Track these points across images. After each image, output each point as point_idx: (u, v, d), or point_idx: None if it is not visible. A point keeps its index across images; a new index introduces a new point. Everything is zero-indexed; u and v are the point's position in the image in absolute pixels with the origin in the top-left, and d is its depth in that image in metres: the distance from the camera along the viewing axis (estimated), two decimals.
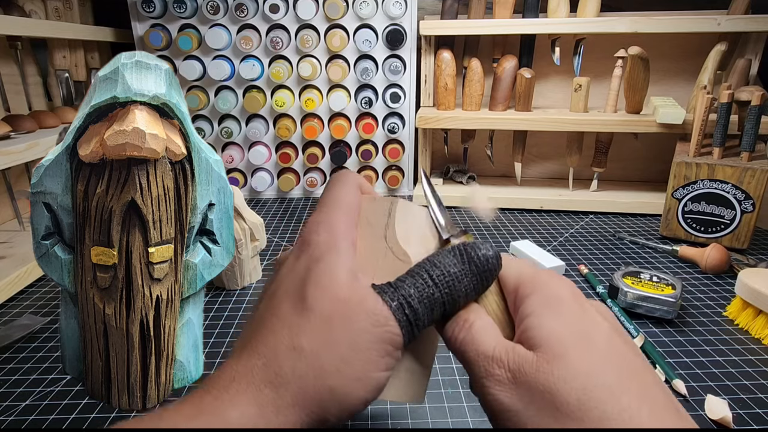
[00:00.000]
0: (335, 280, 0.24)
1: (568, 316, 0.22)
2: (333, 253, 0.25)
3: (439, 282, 0.24)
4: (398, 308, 0.24)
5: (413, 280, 0.25)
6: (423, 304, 0.24)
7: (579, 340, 0.21)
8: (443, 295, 0.24)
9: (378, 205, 0.30)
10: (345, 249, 0.26)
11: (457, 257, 0.25)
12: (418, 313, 0.24)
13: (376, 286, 0.25)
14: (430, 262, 0.25)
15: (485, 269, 0.25)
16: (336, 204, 0.28)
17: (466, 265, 0.25)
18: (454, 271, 0.25)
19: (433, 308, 0.24)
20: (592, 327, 0.22)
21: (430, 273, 0.25)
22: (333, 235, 0.26)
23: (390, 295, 0.24)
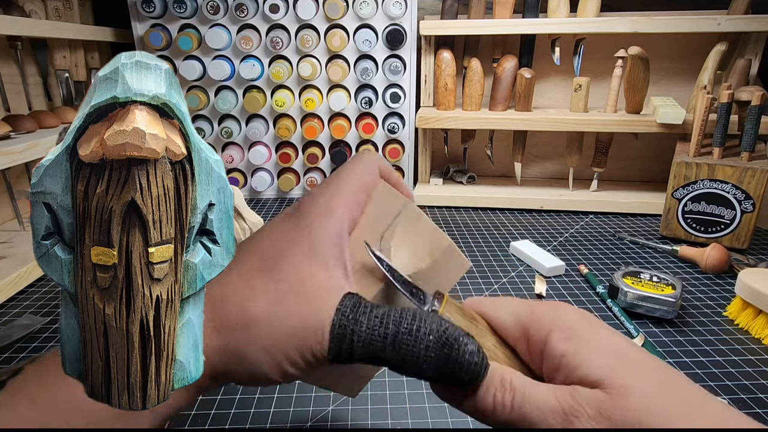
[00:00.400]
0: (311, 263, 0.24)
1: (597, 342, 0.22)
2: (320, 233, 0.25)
3: (399, 349, 0.22)
4: (338, 336, 0.22)
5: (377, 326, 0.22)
6: (365, 350, 0.22)
7: (624, 362, 0.21)
8: (393, 360, 0.22)
9: (392, 200, 0.29)
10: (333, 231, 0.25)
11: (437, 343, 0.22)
12: (353, 354, 0.22)
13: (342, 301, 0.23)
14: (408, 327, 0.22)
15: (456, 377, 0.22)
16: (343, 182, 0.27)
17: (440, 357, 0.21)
18: (420, 353, 0.21)
19: (375, 361, 0.22)
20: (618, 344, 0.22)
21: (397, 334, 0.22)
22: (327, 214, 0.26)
23: (343, 319, 0.23)
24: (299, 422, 0.39)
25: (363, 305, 0.23)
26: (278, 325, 0.23)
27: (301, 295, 0.24)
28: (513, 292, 0.60)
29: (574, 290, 0.60)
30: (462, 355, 0.21)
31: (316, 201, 0.27)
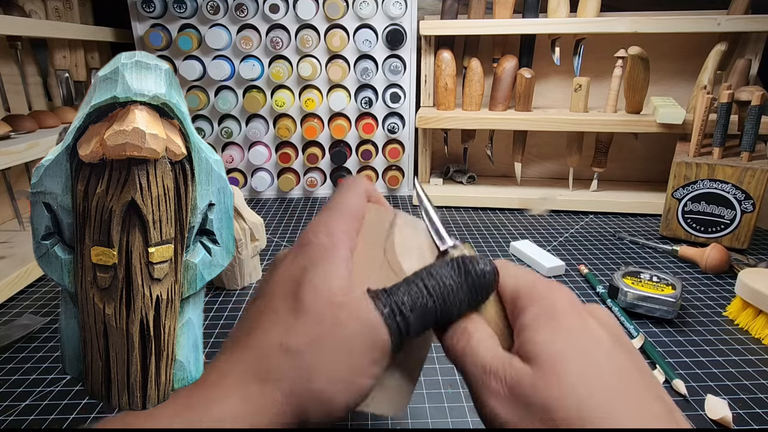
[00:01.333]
0: (330, 284, 0.24)
1: (567, 329, 0.22)
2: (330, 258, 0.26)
3: (434, 292, 0.24)
4: (389, 315, 0.24)
5: (408, 287, 0.24)
6: (415, 312, 0.24)
7: (576, 355, 0.21)
8: (436, 305, 0.24)
9: (382, 215, 0.30)
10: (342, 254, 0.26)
11: (453, 269, 0.25)
12: (408, 322, 0.24)
13: (370, 291, 0.25)
14: (427, 272, 0.25)
15: (481, 284, 0.25)
16: (340, 209, 0.28)
17: (462, 278, 0.25)
18: (450, 283, 0.25)
19: (425, 318, 0.24)
20: (590, 341, 0.22)
21: (425, 282, 0.25)
22: (332, 239, 0.26)
23: (383, 300, 0.24)
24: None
25: (385, 290, 0.25)
26: (329, 344, 0.23)
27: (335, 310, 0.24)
28: None
29: (574, 290, 0.60)
30: (476, 264, 0.25)
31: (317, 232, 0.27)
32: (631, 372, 0.21)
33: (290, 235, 0.80)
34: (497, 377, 0.22)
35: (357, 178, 0.31)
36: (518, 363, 0.22)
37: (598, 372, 0.21)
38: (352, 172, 1.02)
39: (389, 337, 0.24)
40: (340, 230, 0.27)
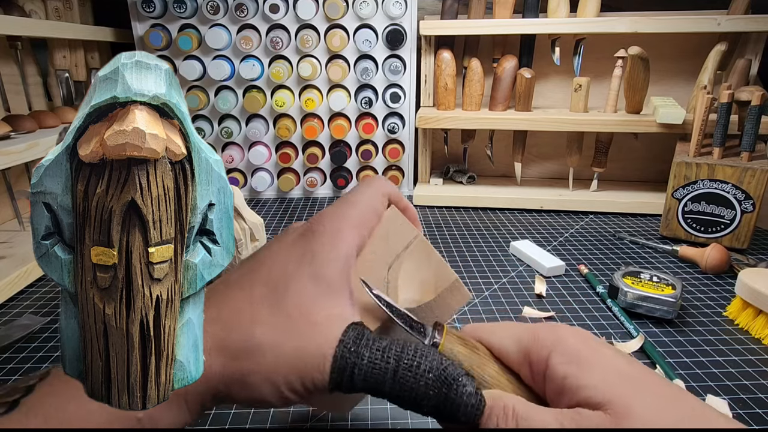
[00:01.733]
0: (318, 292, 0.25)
1: (598, 363, 0.22)
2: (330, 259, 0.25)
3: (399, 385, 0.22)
4: (340, 368, 0.23)
5: (378, 359, 0.23)
6: (366, 383, 0.23)
7: (625, 382, 0.21)
8: (392, 393, 0.23)
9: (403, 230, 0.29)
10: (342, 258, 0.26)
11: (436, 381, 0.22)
12: (353, 387, 0.23)
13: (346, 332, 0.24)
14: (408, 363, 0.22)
15: (453, 417, 0.22)
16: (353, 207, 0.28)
17: (439, 395, 0.22)
18: (420, 390, 0.22)
19: (375, 391, 0.23)
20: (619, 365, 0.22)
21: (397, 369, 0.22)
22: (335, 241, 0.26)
23: (344, 352, 0.23)
24: (299, 422, 0.39)
25: (366, 337, 0.24)
26: (281, 354, 0.24)
27: (307, 324, 0.24)
28: (513, 292, 0.60)
29: (574, 290, 0.60)
30: (460, 396, 0.22)
31: (325, 224, 0.27)
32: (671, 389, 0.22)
33: None
34: None
35: (381, 179, 0.30)
36: (588, 413, 0.21)
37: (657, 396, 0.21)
38: (352, 172, 1.02)
39: (328, 384, 0.23)
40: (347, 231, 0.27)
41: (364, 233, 0.27)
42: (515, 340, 0.24)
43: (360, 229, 0.27)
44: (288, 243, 0.27)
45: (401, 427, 0.39)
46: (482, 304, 0.57)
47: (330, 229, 0.26)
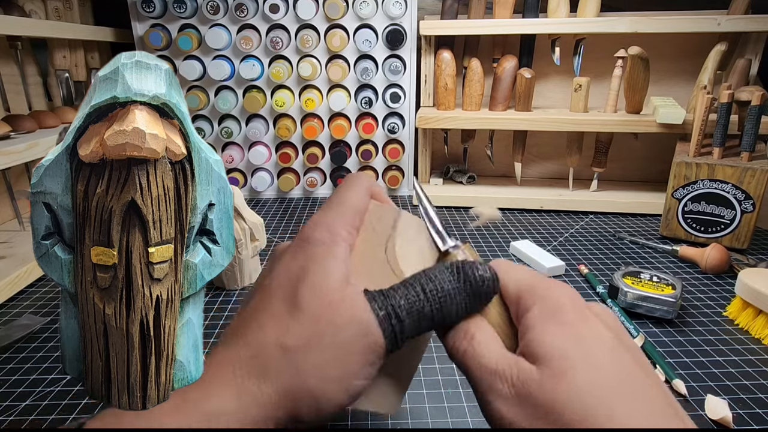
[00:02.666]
0: (328, 283, 0.24)
1: (571, 329, 0.22)
2: (329, 256, 0.26)
3: (431, 297, 0.24)
4: (385, 317, 0.24)
5: (405, 290, 0.24)
6: (411, 316, 0.24)
7: (581, 355, 0.21)
8: (433, 310, 0.24)
9: (385, 214, 0.30)
10: (342, 252, 0.26)
11: (453, 274, 0.25)
12: (404, 325, 0.24)
13: (367, 293, 0.25)
14: (426, 276, 0.25)
15: (480, 290, 0.25)
16: (341, 205, 0.28)
17: (461, 284, 0.24)
18: (448, 288, 0.24)
19: (421, 322, 0.24)
20: (594, 340, 0.22)
21: (423, 286, 0.24)
22: (332, 236, 0.26)
23: (380, 303, 0.24)
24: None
25: (383, 291, 0.25)
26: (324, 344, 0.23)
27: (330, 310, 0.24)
28: None
29: None
30: (476, 270, 0.25)
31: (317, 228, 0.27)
32: (634, 370, 0.21)
33: (290, 235, 0.80)
34: (503, 378, 0.22)
35: (359, 175, 0.31)
36: (525, 364, 0.22)
37: (603, 372, 0.21)
38: (352, 172, 1.01)
39: (384, 340, 0.24)
40: (341, 227, 0.27)
41: (354, 232, 0.28)
42: (517, 279, 0.25)
43: (350, 230, 0.28)
44: (288, 257, 0.27)
45: (401, 427, 0.39)
46: None
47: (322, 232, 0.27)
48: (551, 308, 0.23)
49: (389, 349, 0.24)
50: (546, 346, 0.22)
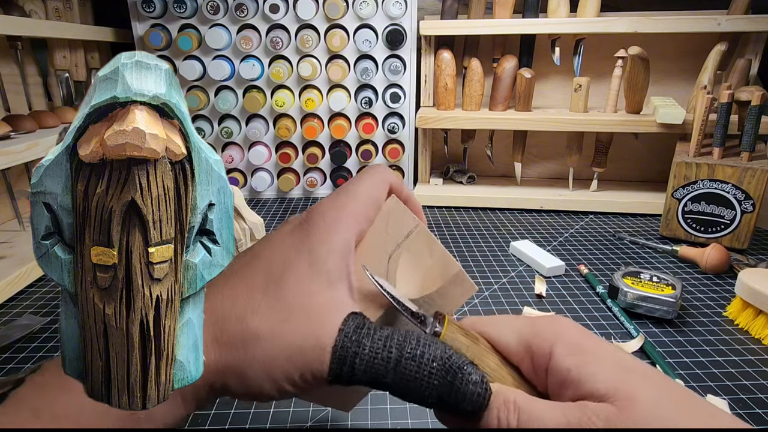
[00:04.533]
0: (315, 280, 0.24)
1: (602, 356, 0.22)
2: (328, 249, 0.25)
3: (402, 375, 0.22)
4: (339, 359, 0.22)
5: (380, 349, 0.22)
6: (366, 375, 0.22)
7: (629, 374, 0.21)
8: (395, 386, 0.22)
9: (403, 219, 0.28)
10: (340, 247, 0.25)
11: (441, 370, 0.22)
12: (354, 377, 0.22)
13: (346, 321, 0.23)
14: (411, 353, 0.22)
15: (458, 406, 0.22)
16: (355, 194, 0.27)
17: (444, 387, 0.21)
18: (423, 380, 0.21)
19: (374, 384, 0.22)
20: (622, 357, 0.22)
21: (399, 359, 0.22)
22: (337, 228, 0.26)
23: (345, 341, 0.22)
24: (299, 422, 0.39)
25: (366, 327, 0.23)
26: (279, 344, 0.23)
27: (305, 314, 0.23)
28: (513, 292, 0.60)
29: (574, 290, 0.60)
30: (465, 384, 0.21)
31: (324, 213, 0.26)
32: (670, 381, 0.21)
33: None
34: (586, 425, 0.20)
35: (379, 167, 0.29)
36: (594, 405, 0.20)
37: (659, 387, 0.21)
38: (352, 172, 1.02)
39: (326, 376, 0.23)
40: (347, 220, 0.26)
41: (362, 223, 0.27)
42: (516, 332, 0.24)
43: (358, 219, 0.27)
44: (286, 233, 0.26)
45: (401, 427, 0.39)
46: (482, 305, 0.57)
47: (328, 219, 0.26)
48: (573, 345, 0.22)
49: (331, 383, 0.23)
50: (604, 381, 0.21)
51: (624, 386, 0.20)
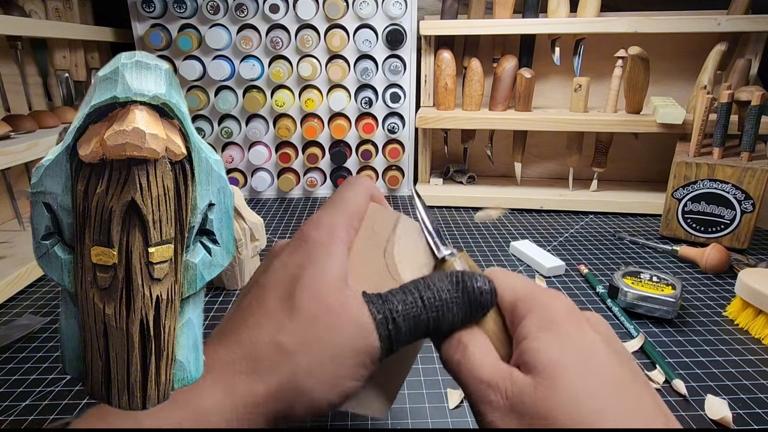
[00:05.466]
0: (326, 283, 0.24)
1: (565, 338, 0.22)
2: (328, 255, 0.26)
3: (429, 304, 0.24)
4: (382, 321, 0.24)
5: (403, 296, 0.24)
6: (407, 322, 0.24)
7: (575, 364, 0.21)
8: (430, 318, 0.24)
9: (386, 216, 0.30)
10: (340, 252, 0.26)
11: (452, 284, 0.25)
12: (400, 331, 0.24)
13: (366, 295, 0.25)
14: (424, 283, 0.25)
15: (478, 302, 0.25)
16: (341, 206, 0.28)
17: (459, 294, 0.24)
18: (446, 297, 0.24)
19: (417, 329, 0.24)
20: (587, 349, 0.22)
21: (421, 293, 0.24)
22: (331, 236, 0.26)
23: (377, 306, 0.24)
24: (299, 422, 0.39)
25: (382, 294, 0.25)
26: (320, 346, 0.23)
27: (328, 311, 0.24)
28: None
29: (574, 290, 0.60)
30: (475, 281, 0.25)
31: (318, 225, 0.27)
32: (625, 375, 0.22)
33: (290, 235, 0.80)
34: (497, 390, 0.22)
35: (359, 177, 0.31)
36: (518, 375, 0.22)
37: (594, 378, 0.21)
38: (352, 172, 1.02)
39: (379, 344, 0.24)
40: (340, 227, 0.27)
41: (352, 233, 0.28)
42: (513, 287, 0.25)
43: (349, 230, 0.28)
44: (284, 255, 0.27)
45: (401, 427, 0.39)
46: None
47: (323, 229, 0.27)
48: (546, 317, 0.23)
49: (384, 353, 0.24)
50: (538, 355, 0.22)
51: (555, 367, 0.21)
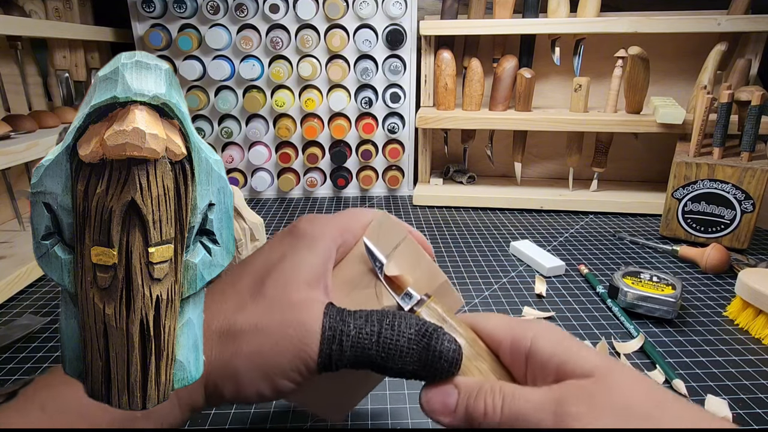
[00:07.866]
0: (296, 278, 0.25)
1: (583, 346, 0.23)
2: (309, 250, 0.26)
3: (383, 344, 0.23)
4: (328, 338, 0.24)
5: (363, 325, 0.24)
6: (354, 350, 0.23)
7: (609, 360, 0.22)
8: (378, 356, 0.23)
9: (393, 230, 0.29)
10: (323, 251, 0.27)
11: (417, 334, 0.23)
12: (343, 355, 0.24)
13: (329, 307, 0.25)
14: (390, 321, 0.24)
15: (435, 365, 0.23)
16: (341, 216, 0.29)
17: (420, 348, 0.23)
18: (403, 345, 0.23)
19: (362, 359, 0.24)
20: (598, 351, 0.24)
21: (381, 330, 0.23)
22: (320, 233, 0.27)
23: (332, 322, 0.24)
24: (299, 422, 0.39)
25: (346, 311, 0.25)
26: (266, 337, 0.24)
27: (287, 306, 0.24)
28: (513, 292, 0.60)
29: (574, 290, 0.60)
30: (441, 343, 0.23)
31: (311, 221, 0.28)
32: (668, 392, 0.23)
33: None
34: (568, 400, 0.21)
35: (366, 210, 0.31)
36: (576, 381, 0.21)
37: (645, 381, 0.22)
38: (352, 172, 1.02)
39: (317, 358, 0.24)
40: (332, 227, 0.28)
41: (347, 236, 0.28)
42: (501, 322, 0.25)
43: (342, 232, 0.28)
44: (276, 241, 0.28)
45: (401, 427, 0.39)
46: (482, 304, 0.57)
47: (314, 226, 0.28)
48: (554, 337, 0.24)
49: (320, 368, 0.24)
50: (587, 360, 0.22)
51: (604, 365, 0.22)
